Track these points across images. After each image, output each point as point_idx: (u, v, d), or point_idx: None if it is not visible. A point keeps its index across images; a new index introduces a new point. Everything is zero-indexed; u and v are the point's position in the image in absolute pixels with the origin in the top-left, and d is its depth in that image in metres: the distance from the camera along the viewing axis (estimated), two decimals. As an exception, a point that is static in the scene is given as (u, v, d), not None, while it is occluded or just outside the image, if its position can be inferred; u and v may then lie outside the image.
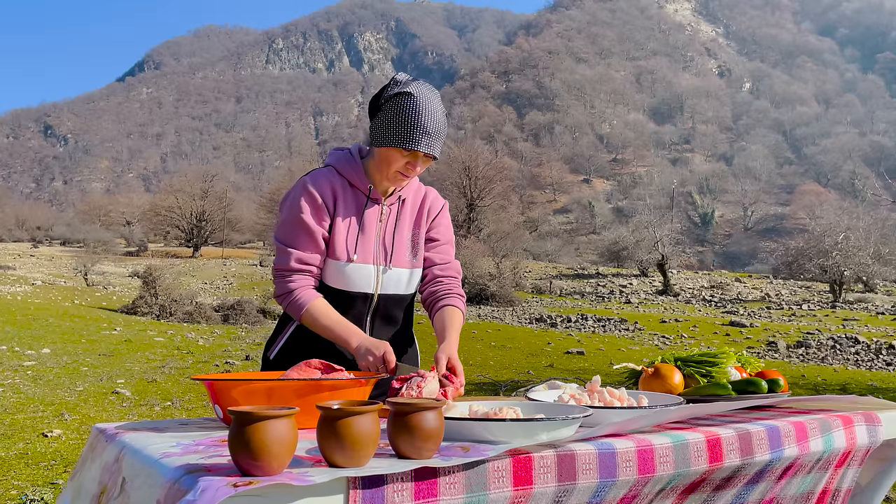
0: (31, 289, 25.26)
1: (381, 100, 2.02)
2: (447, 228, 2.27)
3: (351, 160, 2.12)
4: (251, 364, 10.61)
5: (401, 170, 2.02)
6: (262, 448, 1.09)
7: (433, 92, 2.02)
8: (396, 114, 1.96)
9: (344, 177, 2.10)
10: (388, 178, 2.05)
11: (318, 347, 2.09)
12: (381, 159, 2.03)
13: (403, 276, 2.14)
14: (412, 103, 1.96)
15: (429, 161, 2.04)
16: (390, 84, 2.03)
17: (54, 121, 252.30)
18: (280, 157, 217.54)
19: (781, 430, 1.61)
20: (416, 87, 1.99)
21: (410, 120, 1.95)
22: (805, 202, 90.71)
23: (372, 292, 2.10)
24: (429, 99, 1.98)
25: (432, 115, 1.97)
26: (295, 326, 2.13)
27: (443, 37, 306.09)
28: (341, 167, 2.11)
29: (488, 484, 1.23)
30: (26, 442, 5.56)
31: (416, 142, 1.96)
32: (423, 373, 1.76)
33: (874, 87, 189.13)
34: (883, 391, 9.23)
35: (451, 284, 2.21)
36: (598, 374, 2.47)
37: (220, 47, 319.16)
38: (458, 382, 1.86)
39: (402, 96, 1.97)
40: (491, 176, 57.24)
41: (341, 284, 2.07)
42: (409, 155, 1.99)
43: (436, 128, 1.98)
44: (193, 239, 60.75)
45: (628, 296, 31.60)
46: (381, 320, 2.14)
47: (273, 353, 2.16)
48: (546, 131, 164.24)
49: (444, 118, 2.02)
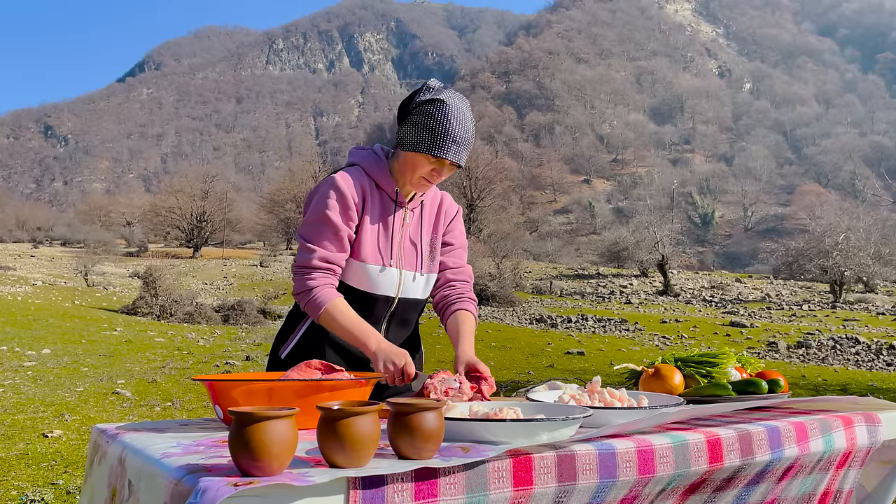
0: (32, 289, 25.26)
1: (413, 104, 2.01)
2: (461, 233, 2.27)
3: (378, 161, 2.10)
4: (251, 364, 10.61)
5: (426, 176, 2.02)
6: (263, 448, 1.09)
7: (464, 101, 2.03)
8: (427, 120, 1.96)
9: (371, 178, 2.08)
10: (413, 183, 2.05)
11: (331, 347, 2.09)
12: (407, 164, 2.02)
13: (421, 281, 2.15)
14: (443, 111, 1.96)
15: (453, 169, 2.03)
16: (422, 89, 2.03)
17: (55, 121, 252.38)
18: (280, 157, 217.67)
19: (782, 430, 1.61)
20: (448, 94, 1.99)
21: (440, 127, 1.95)
22: (805, 202, 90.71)
23: (394, 296, 2.10)
24: (460, 108, 1.98)
25: (462, 124, 1.97)
26: (308, 325, 2.12)
27: (443, 37, 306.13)
28: (369, 167, 2.09)
29: (488, 484, 1.23)
30: (27, 442, 5.56)
31: (444, 149, 1.96)
32: (460, 378, 1.81)
33: (874, 88, 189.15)
34: (883, 391, 9.23)
35: (462, 289, 2.22)
36: (598, 374, 2.47)
37: (220, 48, 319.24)
38: (489, 381, 1.89)
39: (434, 103, 1.97)
40: (491, 176, 57.25)
41: (365, 286, 2.06)
42: (435, 162, 1.99)
43: (465, 137, 1.98)
44: (194, 239, 60.76)
45: (628, 296, 31.59)
46: (397, 324, 2.15)
47: (285, 352, 2.14)
48: (546, 132, 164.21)
49: (472, 128, 2.02)
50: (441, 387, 1.76)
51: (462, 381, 1.80)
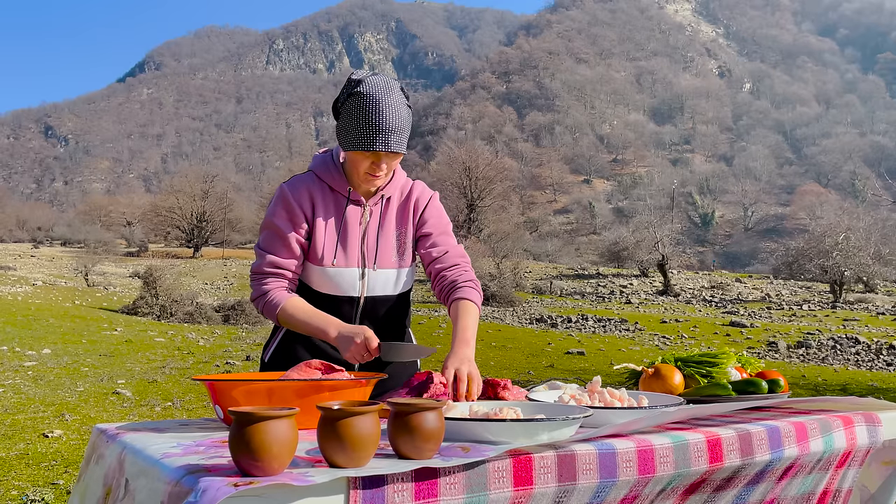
0: (32, 289, 25.25)
1: (339, 102, 1.99)
2: (438, 219, 2.19)
3: (330, 164, 2.10)
4: (252, 364, 10.61)
5: (368, 171, 1.98)
6: (263, 448, 1.09)
7: (389, 85, 1.94)
8: (352, 116, 1.92)
9: (324, 181, 2.09)
10: (360, 180, 2.03)
11: (310, 348, 2.10)
12: (350, 162, 2.02)
13: (391, 277, 2.11)
14: (364, 103, 1.90)
15: (395, 157, 1.98)
16: (346, 84, 1.98)
17: (55, 121, 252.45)
18: (280, 157, 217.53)
19: (781, 430, 1.61)
20: (368, 84, 1.93)
21: (365, 120, 1.90)
22: (805, 202, 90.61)
23: (357, 295, 2.09)
24: (383, 94, 1.91)
25: (389, 110, 1.90)
26: (286, 329, 2.13)
27: (443, 37, 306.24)
28: (321, 172, 2.10)
29: (489, 484, 1.23)
30: (27, 442, 5.56)
31: (373, 142, 1.91)
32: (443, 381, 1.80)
33: (874, 88, 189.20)
34: (883, 391, 9.23)
35: (455, 274, 2.15)
36: (598, 374, 2.47)
37: (220, 48, 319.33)
38: (469, 391, 1.81)
39: (355, 97, 1.93)
40: (491, 176, 57.28)
41: (327, 288, 2.07)
42: (371, 155, 1.95)
43: (394, 124, 1.91)
44: (194, 239, 60.78)
45: (629, 296, 31.59)
46: (370, 322, 2.13)
47: (268, 356, 2.18)
48: (546, 132, 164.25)
49: (403, 111, 1.94)
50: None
51: (447, 385, 1.80)
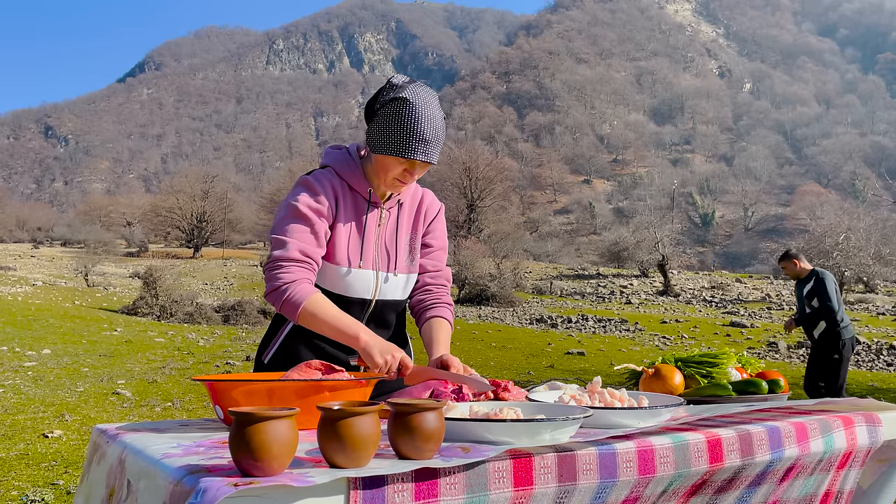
0: (32, 289, 25.26)
1: (377, 104, 1.95)
2: (442, 234, 2.21)
3: (350, 162, 2.04)
4: (252, 365, 10.61)
5: (398, 177, 1.96)
6: (263, 449, 1.09)
7: (431, 95, 1.94)
8: (392, 121, 1.89)
9: (344, 179, 2.03)
10: (386, 185, 2.00)
11: (313, 350, 2.05)
12: (379, 166, 1.97)
13: (401, 282, 2.10)
14: (408, 110, 1.88)
15: (426, 167, 1.97)
16: (386, 88, 1.95)
17: (55, 121, 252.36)
18: (280, 157, 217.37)
19: (782, 430, 1.61)
20: (412, 91, 1.91)
21: (407, 128, 1.87)
22: (805, 203, 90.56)
23: (370, 298, 2.05)
24: (426, 104, 1.90)
25: (430, 121, 1.89)
26: (290, 329, 2.06)
27: (443, 37, 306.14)
28: (341, 169, 2.04)
29: (489, 484, 1.23)
30: (27, 443, 5.56)
31: (412, 150, 1.89)
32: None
33: (875, 88, 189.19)
34: (884, 392, 9.22)
35: (440, 293, 2.17)
36: (598, 374, 2.47)
37: (220, 48, 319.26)
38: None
39: (398, 102, 1.89)
40: (491, 176, 57.29)
41: (340, 290, 2.01)
42: (406, 163, 1.93)
43: (433, 135, 1.90)
44: (194, 240, 60.80)
45: (629, 296, 31.59)
46: (376, 325, 2.10)
47: (268, 357, 2.10)
48: (546, 132, 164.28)
49: (441, 123, 1.94)
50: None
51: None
